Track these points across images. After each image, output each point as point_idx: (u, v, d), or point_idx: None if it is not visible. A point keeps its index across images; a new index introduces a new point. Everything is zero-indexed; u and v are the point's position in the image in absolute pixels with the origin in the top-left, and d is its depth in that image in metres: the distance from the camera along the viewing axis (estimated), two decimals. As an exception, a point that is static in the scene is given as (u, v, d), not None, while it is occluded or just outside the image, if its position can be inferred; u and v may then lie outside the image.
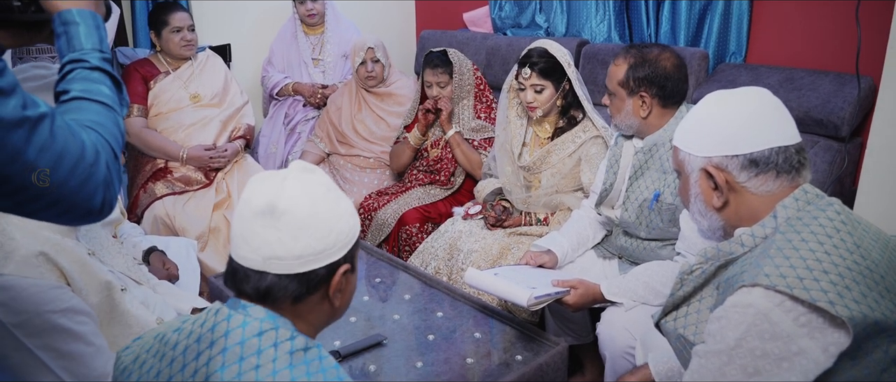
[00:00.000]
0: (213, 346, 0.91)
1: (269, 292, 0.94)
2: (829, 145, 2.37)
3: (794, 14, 2.62)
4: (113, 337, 1.34)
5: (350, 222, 0.99)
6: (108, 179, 0.89)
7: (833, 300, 0.95)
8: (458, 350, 1.76)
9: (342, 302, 1.02)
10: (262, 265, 0.93)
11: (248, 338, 0.90)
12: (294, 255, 0.93)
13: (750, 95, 1.18)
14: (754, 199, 1.14)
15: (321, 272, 0.95)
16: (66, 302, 1.23)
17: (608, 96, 1.91)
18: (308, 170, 0.99)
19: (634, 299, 1.74)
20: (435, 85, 2.76)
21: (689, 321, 1.18)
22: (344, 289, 1.00)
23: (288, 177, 0.95)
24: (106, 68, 0.99)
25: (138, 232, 2.09)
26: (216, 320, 0.93)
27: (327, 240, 0.94)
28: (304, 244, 0.92)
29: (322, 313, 1.01)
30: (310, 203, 0.94)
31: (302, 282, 0.94)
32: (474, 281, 1.81)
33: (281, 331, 0.93)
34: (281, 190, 0.93)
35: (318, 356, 0.93)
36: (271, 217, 0.92)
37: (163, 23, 2.82)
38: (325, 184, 0.98)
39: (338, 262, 0.97)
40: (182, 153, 2.79)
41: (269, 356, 0.90)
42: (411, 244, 2.63)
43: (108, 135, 0.93)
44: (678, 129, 1.24)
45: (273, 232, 0.92)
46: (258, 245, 0.92)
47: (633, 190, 1.90)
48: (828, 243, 1.02)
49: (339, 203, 0.98)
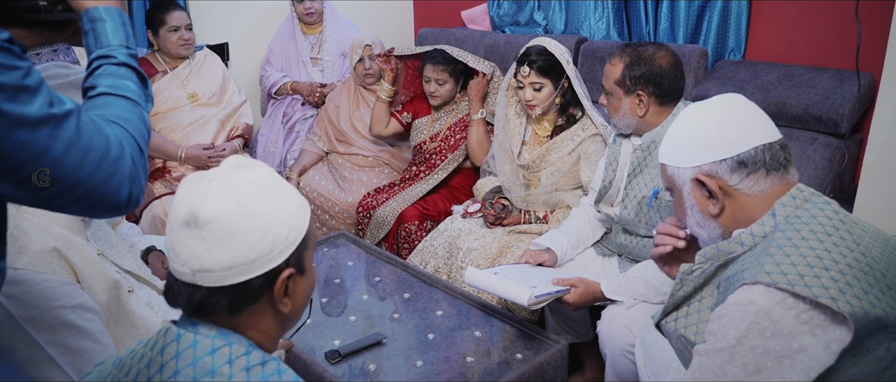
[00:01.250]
0: (163, 370, 0.85)
1: (202, 307, 0.88)
2: (829, 142, 2.36)
3: (792, 11, 2.62)
4: (119, 337, 1.35)
5: (291, 223, 0.90)
6: (133, 173, 0.90)
7: (835, 296, 0.95)
8: (458, 348, 1.76)
9: (293, 308, 0.94)
10: (192, 278, 0.86)
11: (200, 358, 0.85)
12: (223, 266, 0.85)
13: (725, 102, 1.20)
14: (749, 201, 1.14)
15: (258, 281, 0.88)
16: (76, 299, 1.24)
17: (605, 96, 1.91)
18: (242, 166, 0.90)
19: (635, 297, 1.74)
20: (433, 80, 2.76)
21: (689, 321, 1.18)
22: (293, 294, 0.93)
23: (215, 179, 0.87)
24: (132, 64, 1.01)
25: (137, 231, 2.08)
26: (165, 341, 0.88)
27: (261, 247, 0.86)
28: (234, 253, 0.85)
29: (270, 321, 0.93)
30: (237, 207, 0.85)
31: (237, 294, 0.87)
32: (474, 280, 1.80)
33: (235, 348, 0.87)
34: (205, 195, 0.85)
35: (278, 369, 0.88)
36: (195, 227, 0.85)
37: (160, 22, 2.81)
38: (260, 181, 0.89)
39: (277, 268, 0.89)
40: (180, 152, 2.78)
41: (224, 374, 0.84)
42: (411, 242, 2.63)
43: (134, 130, 0.93)
44: (662, 147, 1.25)
45: (200, 243, 0.85)
46: (186, 257, 0.86)
47: (632, 187, 1.90)
48: (828, 240, 1.02)
49: (277, 202, 0.89)
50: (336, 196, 2.97)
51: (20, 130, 0.77)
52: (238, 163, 0.90)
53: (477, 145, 2.75)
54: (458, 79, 2.80)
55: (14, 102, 0.76)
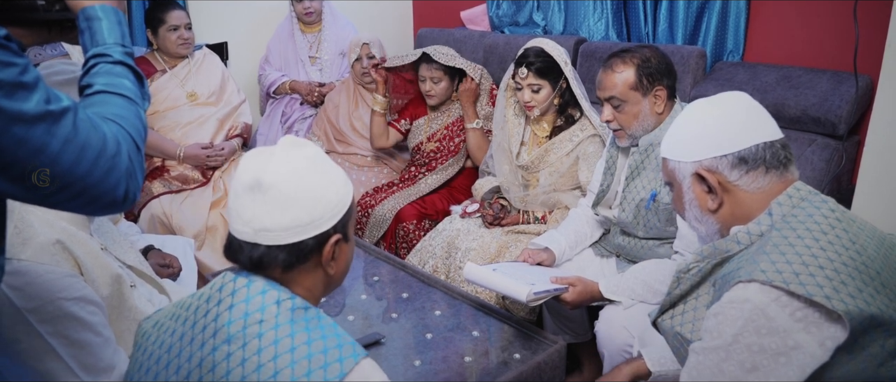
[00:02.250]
0: (220, 304, 0.98)
1: (261, 261, 0.99)
2: (827, 143, 2.37)
3: (791, 12, 2.63)
4: (120, 331, 1.36)
5: (340, 192, 1.02)
6: (130, 170, 0.92)
7: (829, 294, 0.96)
8: (457, 348, 1.76)
9: (337, 271, 1.06)
10: (254, 237, 0.98)
11: (252, 296, 0.97)
12: (282, 227, 0.97)
13: (729, 99, 1.21)
14: (747, 197, 1.15)
15: (310, 242, 1.00)
16: (79, 291, 1.25)
17: (613, 110, 1.84)
18: (296, 144, 1.02)
19: (632, 297, 1.74)
20: (429, 79, 2.76)
21: (686, 319, 1.19)
22: (338, 258, 1.05)
23: (275, 153, 0.99)
24: (128, 62, 1.02)
25: (135, 230, 2.09)
26: (224, 282, 1.00)
27: (314, 212, 0.98)
28: (291, 216, 0.97)
29: (317, 280, 1.05)
30: (295, 177, 0.98)
31: (292, 252, 0.99)
32: (473, 275, 1.80)
33: (282, 293, 0.99)
34: (267, 164, 0.98)
35: (318, 315, 0.99)
36: (259, 191, 0.97)
37: (159, 21, 2.82)
38: (312, 157, 1.01)
39: (327, 232, 1.01)
40: (179, 151, 2.78)
41: (272, 312, 0.96)
42: (409, 241, 2.63)
43: (130, 128, 0.95)
44: (665, 142, 1.25)
45: (261, 206, 0.97)
46: (249, 218, 0.98)
47: (630, 190, 1.90)
48: (823, 239, 1.02)
49: (327, 174, 1.02)
50: (335, 195, 2.97)
51: (17, 127, 0.77)
52: (293, 142, 1.02)
53: (476, 148, 2.76)
54: (452, 76, 2.80)
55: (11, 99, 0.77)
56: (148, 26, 2.86)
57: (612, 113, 1.85)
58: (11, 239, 1.21)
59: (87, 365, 1.24)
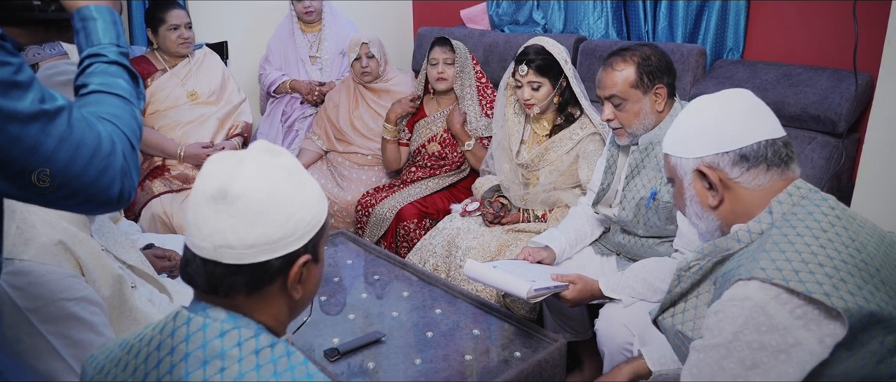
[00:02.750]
0: (173, 352, 0.87)
1: (220, 284, 0.89)
2: (827, 141, 2.37)
3: (791, 10, 2.63)
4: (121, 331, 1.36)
5: (314, 210, 0.92)
6: (125, 169, 0.91)
7: (828, 291, 0.96)
8: (457, 346, 1.76)
9: (304, 295, 0.96)
10: (213, 254, 0.87)
11: (209, 341, 0.86)
12: (247, 244, 0.86)
13: (732, 96, 1.21)
14: (748, 194, 1.15)
15: (276, 263, 0.89)
16: (81, 292, 1.25)
17: (613, 108, 1.84)
18: (271, 151, 0.92)
19: (633, 295, 1.75)
20: (441, 62, 2.76)
21: (686, 317, 1.19)
22: (305, 281, 0.94)
23: (246, 159, 0.89)
24: (123, 62, 1.01)
25: (135, 229, 2.09)
26: (176, 325, 0.89)
27: (285, 228, 0.88)
28: (259, 232, 0.86)
29: (281, 306, 0.94)
30: (268, 187, 0.87)
31: (255, 273, 0.89)
32: (474, 272, 1.80)
33: (244, 331, 0.88)
34: (236, 172, 0.87)
35: (286, 352, 0.89)
36: (224, 202, 0.86)
37: (160, 20, 2.82)
38: (290, 167, 0.91)
39: (296, 253, 0.90)
40: (179, 151, 2.79)
41: (234, 356, 0.86)
42: (409, 240, 2.63)
43: (125, 127, 0.94)
44: (667, 137, 1.26)
45: (225, 219, 0.86)
46: (209, 232, 0.86)
47: (630, 188, 1.90)
48: (823, 237, 1.02)
49: (304, 188, 0.91)
50: (335, 195, 2.98)
51: (11, 125, 0.78)
52: (267, 148, 0.92)
53: (476, 161, 2.76)
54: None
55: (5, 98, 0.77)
56: (148, 25, 2.87)
57: (613, 111, 1.85)
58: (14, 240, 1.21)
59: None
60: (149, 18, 2.86)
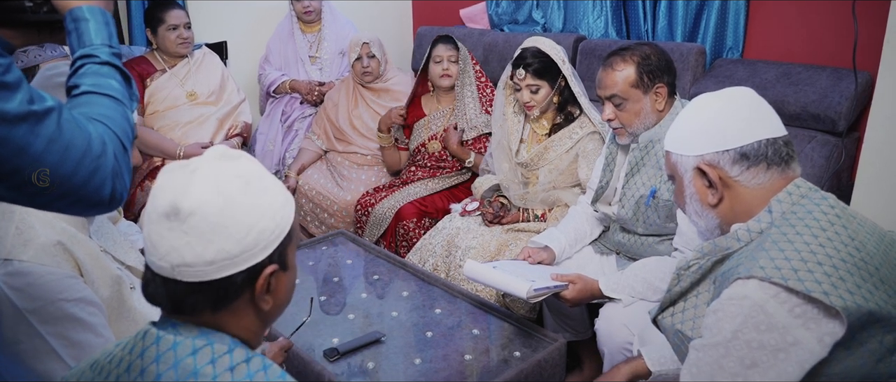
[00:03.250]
0: (144, 374, 0.83)
1: (183, 303, 0.85)
2: (827, 140, 2.37)
3: (790, 9, 2.63)
4: (119, 332, 1.36)
5: (277, 216, 0.87)
6: (116, 170, 0.90)
7: (827, 290, 0.96)
8: (457, 346, 1.76)
9: (274, 305, 0.91)
10: (172, 273, 0.83)
11: (181, 359, 0.82)
12: (205, 261, 0.82)
13: (734, 94, 1.21)
14: (747, 193, 1.15)
15: (240, 277, 0.84)
16: (80, 292, 1.25)
17: (614, 108, 1.84)
18: (226, 157, 0.86)
19: (632, 295, 1.74)
20: (446, 59, 2.76)
21: (686, 316, 1.19)
22: (275, 291, 0.89)
23: (198, 170, 0.83)
24: (115, 63, 1.01)
25: (134, 230, 2.08)
26: (145, 345, 0.85)
27: (245, 242, 0.83)
28: (217, 248, 0.81)
29: (252, 318, 0.90)
30: (222, 200, 0.82)
31: (219, 290, 0.84)
32: (473, 273, 1.80)
33: (217, 346, 0.84)
34: (187, 186, 0.81)
35: (263, 365, 0.86)
36: (176, 219, 0.81)
37: (159, 20, 2.82)
38: (246, 173, 0.85)
39: (261, 264, 0.86)
40: (179, 151, 2.79)
41: (208, 374, 0.82)
42: (409, 239, 2.63)
43: (117, 128, 0.93)
44: (668, 135, 1.26)
45: (180, 236, 0.81)
46: (165, 250, 0.82)
47: (630, 186, 1.90)
48: (822, 236, 1.02)
49: (263, 196, 0.86)
50: (335, 194, 2.98)
51: None
52: (222, 154, 0.86)
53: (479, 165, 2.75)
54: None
55: None
56: (147, 26, 2.87)
57: (614, 111, 1.85)
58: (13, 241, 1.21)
59: None
60: (148, 18, 2.86)
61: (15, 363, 1.21)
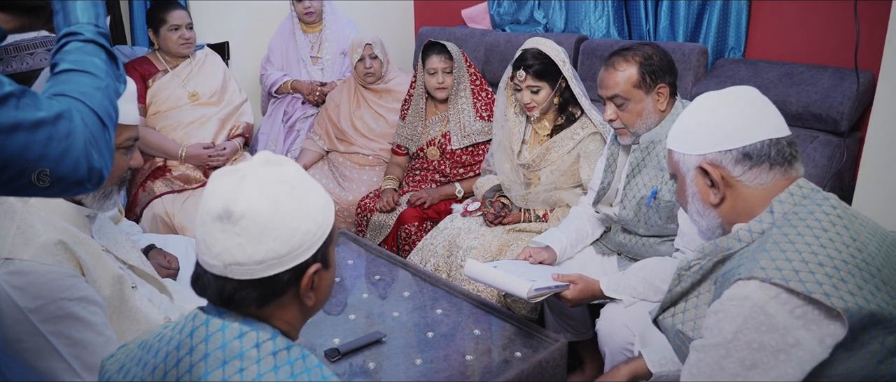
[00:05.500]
0: (193, 352, 0.88)
1: (232, 298, 0.90)
2: (829, 140, 2.36)
3: (792, 9, 2.62)
4: (121, 332, 1.36)
5: (320, 218, 0.92)
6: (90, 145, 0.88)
7: (828, 291, 0.96)
8: (458, 347, 1.76)
9: (316, 301, 0.98)
10: (224, 271, 0.89)
11: (228, 342, 0.88)
12: (255, 260, 0.88)
13: (738, 93, 1.20)
14: (750, 193, 1.15)
15: (287, 275, 0.91)
16: (81, 291, 1.24)
17: (616, 109, 1.84)
18: (272, 163, 0.92)
19: (633, 295, 1.74)
20: (440, 71, 2.71)
21: (687, 316, 1.19)
22: (317, 288, 0.96)
23: (247, 175, 0.89)
24: (100, 41, 0.99)
25: (136, 230, 2.09)
26: (195, 325, 0.91)
27: (292, 242, 0.89)
28: (266, 249, 0.88)
29: (295, 312, 0.96)
30: (270, 204, 0.88)
31: (266, 287, 0.90)
32: (474, 272, 1.80)
33: (261, 333, 0.90)
34: (238, 191, 0.88)
35: (301, 355, 0.91)
36: (228, 222, 0.87)
37: (161, 21, 2.82)
38: (291, 178, 0.91)
39: (306, 263, 0.92)
40: (181, 151, 2.79)
41: (252, 357, 0.88)
42: (410, 242, 2.63)
43: (95, 104, 0.91)
44: (671, 133, 1.25)
45: (232, 238, 0.87)
46: (218, 251, 0.88)
47: (631, 187, 1.90)
48: (824, 236, 1.02)
49: (307, 199, 0.92)
50: (337, 195, 2.98)
51: None
52: (268, 160, 0.92)
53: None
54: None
55: None
56: (149, 26, 2.86)
57: (615, 111, 1.84)
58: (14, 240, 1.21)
59: (88, 365, 1.24)
60: (150, 19, 2.86)
61: (16, 362, 1.21)
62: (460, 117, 2.77)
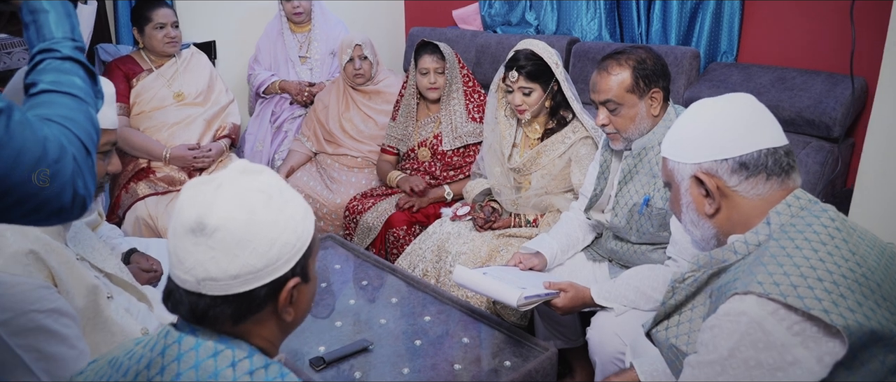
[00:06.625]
0: (164, 372, 0.84)
1: (205, 315, 0.85)
2: (821, 146, 2.34)
3: (786, 13, 2.60)
4: (95, 344, 1.31)
5: (299, 229, 0.88)
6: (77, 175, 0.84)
7: (828, 308, 0.93)
8: (446, 355, 1.73)
9: (296, 316, 0.93)
10: (197, 286, 0.84)
11: (202, 361, 0.83)
12: (230, 275, 0.83)
13: (735, 101, 1.17)
14: (746, 204, 1.12)
15: (264, 290, 0.86)
16: (53, 303, 1.20)
17: (608, 113, 1.80)
18: (249, 172, 0.88)
19: (625, 304, 1.71)
20: (432, 71, 2.69)
21: (680, 330, 1.16)
22: (297, 302, 0.91)
23: (222, 185, 0.85)
24: (78, 58, 0.94)
25: (117, 234, 2.04)
26: (166, 343, 0.86)
27: (269, 256, 0.85)
28: (241, 263, 0.83)
29: (273, 328, 0.91)
30: (246, 215, 0.83)
31: (242, 303, 0.85)
32: (463, 279, 1.77)
33: (237, 352, 0.85)
34: (212, 202, 0.83)
35: (280, 373, 0.87)
36: (202, 234, 0.82)
37: (145, 19, 2.77)
38: (268, 188, 0.87)
39: (284, 277, 0.87)
40: (165, 153, 2.74)
41: (228, 376, 0.83)
42: (399, 246, 2.59)
43: (78, 129, 0.88)
44: (666, 140, 1.22)
45: (206, 251, 0.83)
46: (191, 265, 0.83)
47: (623, 194, 1.87)
48: (822, 250, 0.99)
49: (285, 209, 0.87)
50: (324, 197, 2.93)
51: None
52: (245, 169, 0.88)
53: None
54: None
55: None
56: (134, 24, 2.81)
57: (608, 116, 1.81)
58: None
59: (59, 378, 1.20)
60: (134, 17, 2.81)
61: None
62: (452, 118, 2.73)
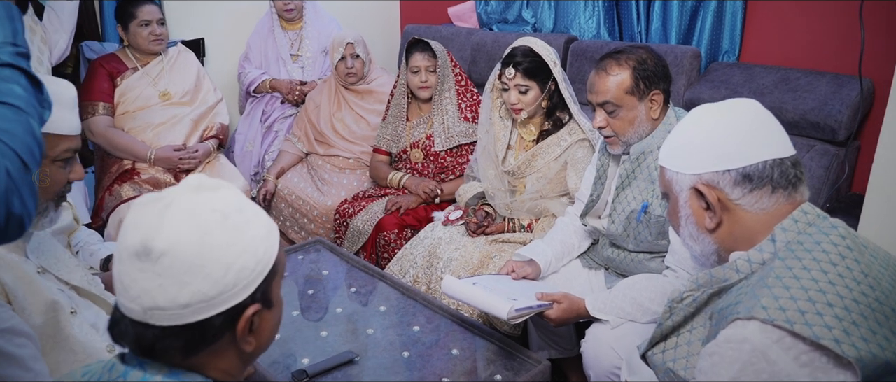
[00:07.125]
0: None
1: (153, 348, 0.77)
2: (826, 149, 2.27)
3: (789, 12, 2.53)
4: (55, 363, 1.24)
5: (259, 251, 0.80)
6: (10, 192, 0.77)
7: (838, 337, 0.85)
8: (435, 368, 1.66)
9: (258, 346, 0.85)
10: (143, 316, 0.76)
11: None
12: (180, 304, 0.75)
13: (739, 107, 1.09)
14: (750, 218, 1.04)
15: (219, 320, 0.78)
16: (6, 322, 1.13)
17: (606, 116, 1.73)
18: (204, 188, 0.80)
19: (621, 316, 1.64)
20: (424, 69, 2.62)
21: (678, 353, 1.08)
22: (258, 331, 0.83)
23: (172, 204, 0.77)
24: (20, 65, 0.87)
25: (96, 239, 1.96)
26: (111, 377, 0.79)
27: (224, 282, 0.76)
28: (192, 290, 0.75)
29: (232, 359, 0.83)
30: (198, 237, 0.75)
31: (195, 334, 0.77)
32: (452, 290, 1.70)
33: None
34: (159, 223, 0.75)
35: None
36: (148, 260, 0.74)
37: (130, 16, 2.70)
38: (225, 206, 0.79)
39: (242, 304, 0.79)
40: (150, 154, 2.67)
41: None
42: (390, 250, 2.52)
43: (15, 143, 0.81)
44: (664, 148, 1.14)
45: (152, 278, 0.75)
46: (136, 293, 0.75)
47: (620, 200, 1.79)
48: (832, 272, 0.91)
49: (244, 230, 0.79)
50: (315, 199, 2.86)
51: None
52: (199, 185, 0.80)
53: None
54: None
55: None
56: (118, 22, 2.74)
57: (606, 119, 1.73)
58: None
59: None
60: (119, 14, 2.74)
61: None
62: (444, 118, 2.66)
